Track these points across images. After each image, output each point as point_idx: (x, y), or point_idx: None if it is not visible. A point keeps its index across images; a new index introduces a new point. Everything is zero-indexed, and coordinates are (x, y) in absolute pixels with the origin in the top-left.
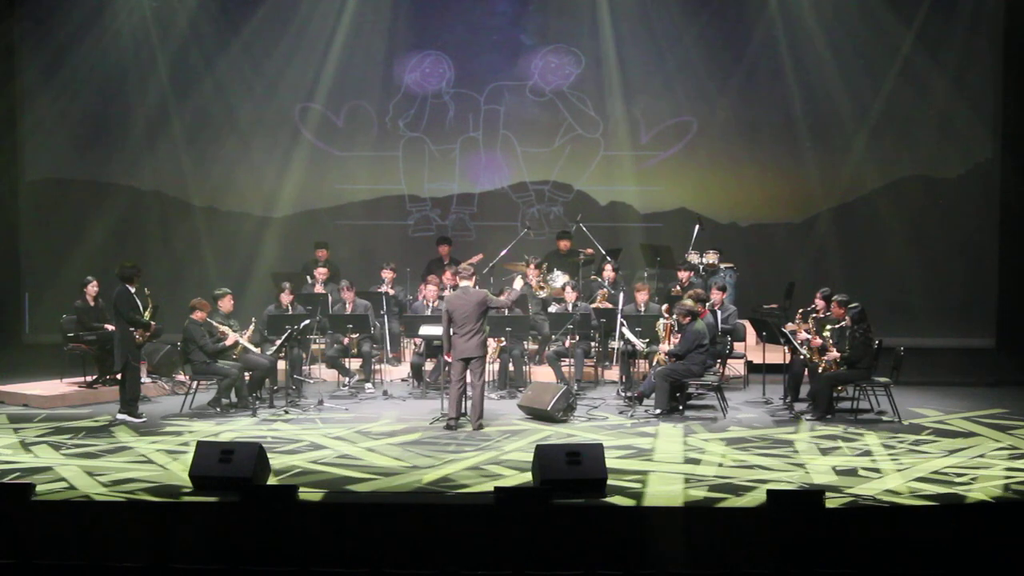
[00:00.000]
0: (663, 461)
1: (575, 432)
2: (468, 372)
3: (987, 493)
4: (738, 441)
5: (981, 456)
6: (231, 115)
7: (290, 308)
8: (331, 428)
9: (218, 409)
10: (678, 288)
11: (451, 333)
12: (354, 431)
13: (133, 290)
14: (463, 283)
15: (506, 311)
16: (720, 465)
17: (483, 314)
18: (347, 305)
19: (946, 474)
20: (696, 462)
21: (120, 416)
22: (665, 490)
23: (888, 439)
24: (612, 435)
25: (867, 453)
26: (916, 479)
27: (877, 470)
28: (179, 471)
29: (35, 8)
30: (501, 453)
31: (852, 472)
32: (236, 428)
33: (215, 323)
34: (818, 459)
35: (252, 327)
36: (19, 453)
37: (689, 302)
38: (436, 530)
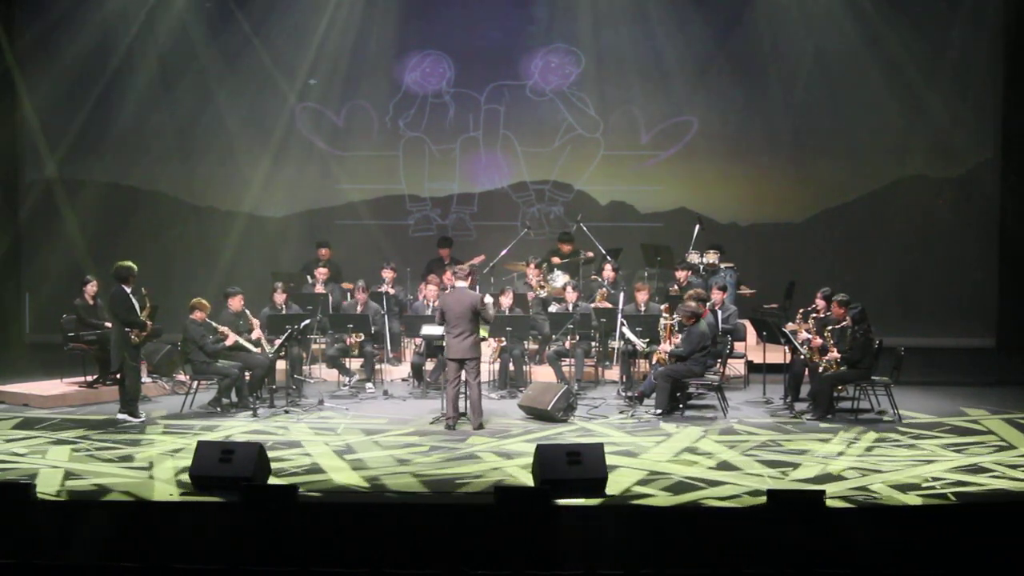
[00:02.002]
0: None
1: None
2: (464, 373)
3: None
4: (734, 442)
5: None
6: (231, 115)
7: (283, 308)
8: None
9: (218, 409)
10: (676, 288)
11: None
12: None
13: (129, 290)
14: (458, 283)
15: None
16: (712, 467)
17: (475, 317)
18: (358, 306)
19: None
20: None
21: (120, 416)
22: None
23: (886, 439)
24: (620, 434)
25: (863, 453)
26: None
27: (867, 471)
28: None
29: (30, 7)
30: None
31: (844, 473)
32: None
33: (214, 323)
34: (813, 459)
35: (256, 330)
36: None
37: (692, 303)
38: (436, 530)
